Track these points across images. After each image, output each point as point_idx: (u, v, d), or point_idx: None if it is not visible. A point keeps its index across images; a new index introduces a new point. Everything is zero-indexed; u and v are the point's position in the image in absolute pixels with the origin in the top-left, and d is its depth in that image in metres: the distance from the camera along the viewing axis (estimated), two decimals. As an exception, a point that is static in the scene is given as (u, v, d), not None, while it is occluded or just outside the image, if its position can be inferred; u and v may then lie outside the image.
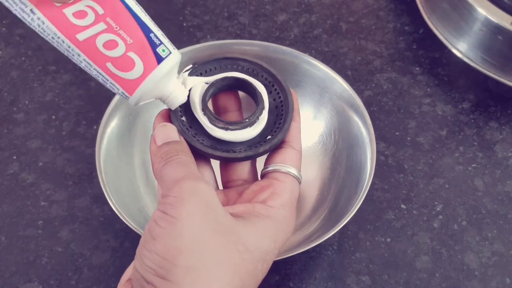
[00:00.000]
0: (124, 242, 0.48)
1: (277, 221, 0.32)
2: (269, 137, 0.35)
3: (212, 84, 0.35)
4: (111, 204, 0.42)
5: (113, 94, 0.48)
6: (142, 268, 0.28)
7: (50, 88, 0.58)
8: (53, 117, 0.56)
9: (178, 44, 0.62)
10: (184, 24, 0.64)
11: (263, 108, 0.35)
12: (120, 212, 0.41)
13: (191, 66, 0.36)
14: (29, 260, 0.47)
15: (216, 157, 0.34)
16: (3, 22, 0.64)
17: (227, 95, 0.37)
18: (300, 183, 0.34)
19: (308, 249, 0.40)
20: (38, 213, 0.49)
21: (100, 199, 0.50)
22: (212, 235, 0.28)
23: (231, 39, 0.62)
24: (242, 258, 0.29)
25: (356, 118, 0.47)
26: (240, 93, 0.37)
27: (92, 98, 0.58)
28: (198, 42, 0.62)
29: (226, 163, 0.36)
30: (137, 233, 0.41)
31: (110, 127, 0.47)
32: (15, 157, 0.53)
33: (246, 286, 0.29)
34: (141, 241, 0.29)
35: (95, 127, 0.55)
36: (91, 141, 0.54)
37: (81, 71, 0.60)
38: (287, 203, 0.33)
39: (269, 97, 0.36)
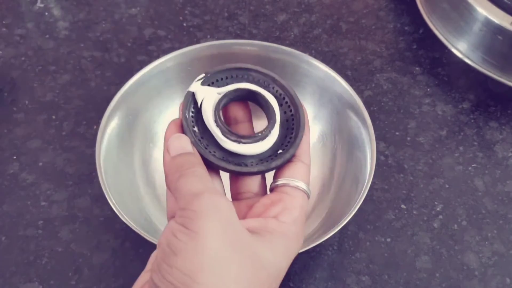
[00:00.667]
0: (124, 242, 0.48)
1: (289, 238, 0.32)
2: (280, 151, 0.35)
3: (225, 95, 0.35)
4: (111, 204, 0.42)
5: (113, 94, 0.48)
6: (162, 283, 0.27)
7: (50, 88, 0.58)
8: (53, 117, 0.56)
9: (178, 44, 0.62)
10: (184, 24, 0.64)
11: (275, 122, 0.35)
12: (120, 212, 0.41)
13: (203, 75, 0.36)
14: (29, 260, 0.47)
15: (228, 170, 0.34)
16: (3, 22, 0.64)
17: (238, 106, 0.37)
18: (309, 197, 0.34)
19: (308, 249, 0.40)
20: (38, 213, 0.49)
21: (100, 199, 0.50)
22: (231, 251, 0.28)
23: (231, 39, 0.62)
24: (259, 276, 0.29)
25: (356, 118, 0.47)
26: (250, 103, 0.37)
27: (92, 98, 0.58)
28: (198, 42, 0.62)
29: (236, 176, 0.36)
30: (137, 233, 0.41)
31: (110, 127, 0.47)
32: (15, 157, 0.53)
33: None
34: (160, 254, 0.29)
35: (95, 127, 0.55)
36: (91, 141, 0.54)
37: (81, 71, 0.60)
38: (298, 220, 0.32)
39: (280, 110, 0.36)
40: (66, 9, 0.66)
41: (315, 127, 0.52)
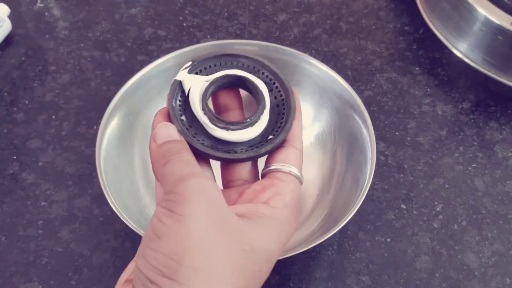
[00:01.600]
0: (124, 242, 0.48)
1: (280, 222, 0.31)
2: (270, 136, 0.34)
3: (212, 82, 0.34)
4: (111, 204, 0.42)
5: (113, 94, 0.48)
6: (146, 268, 0.27)
7: (50, 88, 0.58)
8: (53, 117, 0.56)
9: (178, 44, 0.62)
10: (184, 24, 0.64)
11: (264, 107, 0.34)
12: (120, 212, 0.41)
13: (190, 63, 0.35)
14: (29, 260, 0.47)
15: (217, 158, 0.34)
16: (3, 22, 0.64)
17: (228, 93, 0.36)
18: (301, 183, 0.34)
19: (308, 249, 0.40)
20: (38, 213, 0.49)
21: (100, 199, 0.50)
22: (218, 234, 0.27)
23: (231, 39, 0.62)
24: (248, 259, 0.28)
25: (356, 118, 0.47)
26: (241, 91, 0.37)
27: (92, 98, 0.58)
28: (198, 42, 0.62)
29: (226, 164, 0.36)
30: (137, 233, 0.41)
31: (110, 127, 0.47)
32: (15, 157, 0.53)
33: (251, 286, 0.29)
34: (144, 239, 0.28)
35: (95, 127, 0.55)
36: (91, 141, 0.54)
37: (81, 71, 0.60)
38: (289, 204, 0.32)
39: (270, 96, 0.35)
40: (66, 9, 0.66)
41: (315, 127, 0.52)
